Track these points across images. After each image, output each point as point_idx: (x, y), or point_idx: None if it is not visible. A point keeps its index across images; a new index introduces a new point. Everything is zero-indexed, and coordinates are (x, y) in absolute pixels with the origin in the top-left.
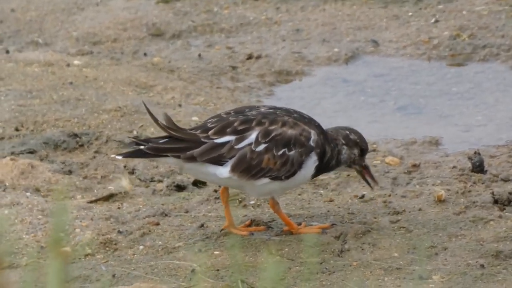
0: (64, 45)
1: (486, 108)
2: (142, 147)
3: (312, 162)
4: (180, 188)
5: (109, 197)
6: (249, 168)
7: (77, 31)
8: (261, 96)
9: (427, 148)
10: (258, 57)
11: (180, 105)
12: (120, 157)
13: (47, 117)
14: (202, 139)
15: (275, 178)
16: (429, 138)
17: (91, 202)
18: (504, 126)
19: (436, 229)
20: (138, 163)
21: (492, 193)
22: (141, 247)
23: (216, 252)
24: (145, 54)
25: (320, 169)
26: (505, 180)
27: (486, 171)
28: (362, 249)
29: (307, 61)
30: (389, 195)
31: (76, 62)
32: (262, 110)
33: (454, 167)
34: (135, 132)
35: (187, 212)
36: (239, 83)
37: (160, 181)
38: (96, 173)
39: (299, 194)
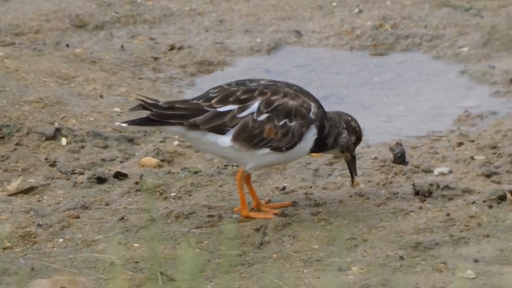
0: None
1: (408, 98)
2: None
3: (312, 134)
4: (101, 180)
5: (29, 190)
6: (250, 137)
7: (0, 22)
8: (182, 87)
9: None
10: (181, 48)
11: (101, 96)
12: (125, 125)
13: None
14: (205, 108)
15: (275, 149)
16: None
17: (11, 195)
18: (425, 116)
19: (356, 221)
20: (60, 155)
21: (413, 185)
22: (61, 240)
23: (135, 245)
24: (67, 45)
25: (318, 144)
26: (426, 171)
27: (408, 162)
28: (282, 241)
29: (230, 52)
30: (310, 187)
31: None
32: (263, 82)
33: (375, 158)
34: (56, 124)
35: (107, 205)
36: (161, 74)
37: (81, 173)
38: (17, 165)
39: (220, 186)
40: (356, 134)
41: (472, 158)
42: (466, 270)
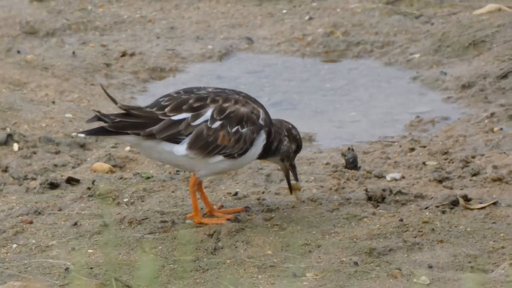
0: None
1: (360, 104)
2: (104, 124)
3: (261, 140)
4: (53, 185)
5: None
6: (205, 145)
7: None
8: (135, 93)
9: None
10: (132, 54)
11: (54, 102)
12: (83, 135)
13: None
14: (160, 117)
15: (228, 156)
16: (303, 134)
17: None
18: (377, 122)
19: (309, 227)
20: (12, 161)
21: (366, 190)
22: (14, 245)
23: (90, 250)
24: (18, 52)
25: (266, 149)
26: (379, 176)
27: (360, 167)
28: (236, 247)
29: (181, 58)
30: (263, 192)
31: None
32: (210, 89)
33: (327, 163)
34: (8, 130)
35: (60, 210)
36: (113, 80)
37: (33, 178)
38: None
39: (173, 192)
40: (297, 142)
41: (424, 163)
42: (421, 276)
